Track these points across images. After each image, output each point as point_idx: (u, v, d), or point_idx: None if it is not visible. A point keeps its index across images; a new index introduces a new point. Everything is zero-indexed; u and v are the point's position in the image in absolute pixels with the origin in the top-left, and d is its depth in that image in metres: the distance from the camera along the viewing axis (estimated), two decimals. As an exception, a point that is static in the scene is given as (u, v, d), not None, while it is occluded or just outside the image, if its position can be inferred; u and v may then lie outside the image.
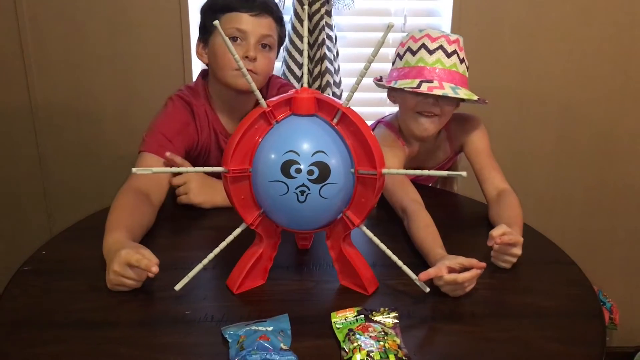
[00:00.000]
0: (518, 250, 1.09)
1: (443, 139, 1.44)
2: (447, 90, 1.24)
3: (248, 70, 1.29)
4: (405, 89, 1.26)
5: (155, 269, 0.95)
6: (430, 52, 1.27)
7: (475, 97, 1.27)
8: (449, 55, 1.27)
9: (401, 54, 1.32)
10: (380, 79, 1.43)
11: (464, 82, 1.29)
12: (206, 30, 1.38)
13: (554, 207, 2.08)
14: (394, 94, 1.37)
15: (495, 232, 1.06)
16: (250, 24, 1.31)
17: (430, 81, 1.25)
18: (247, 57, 1.31)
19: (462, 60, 1.29)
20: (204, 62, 1.42)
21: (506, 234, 1.06)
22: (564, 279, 1.09)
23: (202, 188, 1.30)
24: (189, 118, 1.38)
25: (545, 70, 1.94)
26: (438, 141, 1.44)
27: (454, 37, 1.29)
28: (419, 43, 1.28)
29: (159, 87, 1.88)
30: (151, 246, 1.02)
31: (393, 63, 1.36)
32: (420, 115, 1.31)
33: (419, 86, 1.24)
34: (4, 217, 2.00)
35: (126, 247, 0.98)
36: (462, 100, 1.32)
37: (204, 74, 1.45)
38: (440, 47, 1.27)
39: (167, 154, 1.28)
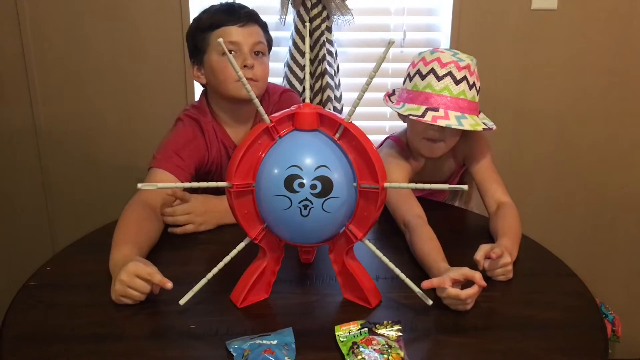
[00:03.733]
0: (506, 259, 1.09)
1: (448, 154, 1.44)
2: (452, 120, 1.22)
3: (248, 79, 1.32)
4: (410, 116, 1.26)
5: (170, 284, 0.97)
6: (439, 79, 1.25)
7: (480, 128, 1.25)
8: (457, 82, 1.25)
9: (411, 75, 1.31)
10: (393, 93, 1.42)
11: (472, 108, 1.27)
12: (198, 50, 1.39)
13: (554, 218, 2.09)
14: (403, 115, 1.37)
15: (478, 256, 1.08)
16: (240, 35, 1.34)
17: (436, 109, 1.24)
18: (245, 66, 1.33)
19: (472, 86, 1.27)
20: (201, 83, 1.43)
21: (487, 253, 1.08)
22: (564, 291, 1.10)
23: (206, 220, 1.28)
24: (199, 135, 1.40)
25: (543, 83, 1.96)
26: (443, 156, 1.44)
27: (464, 62, 1.26)
28: (429, 67, 1.26)
29: (160, 103, 1.90)
30: (156, 261, 1.03)
31: (404, 82, 1.34)
32: (426, 139, 1.32)
33: (423, 115, 1.24)
34: (7, 232, 2.01)
35: (134, 260, 0.99)
36: None
37: (205, 92, 1.46)
38: (449, 73, 1.25)
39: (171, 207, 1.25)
